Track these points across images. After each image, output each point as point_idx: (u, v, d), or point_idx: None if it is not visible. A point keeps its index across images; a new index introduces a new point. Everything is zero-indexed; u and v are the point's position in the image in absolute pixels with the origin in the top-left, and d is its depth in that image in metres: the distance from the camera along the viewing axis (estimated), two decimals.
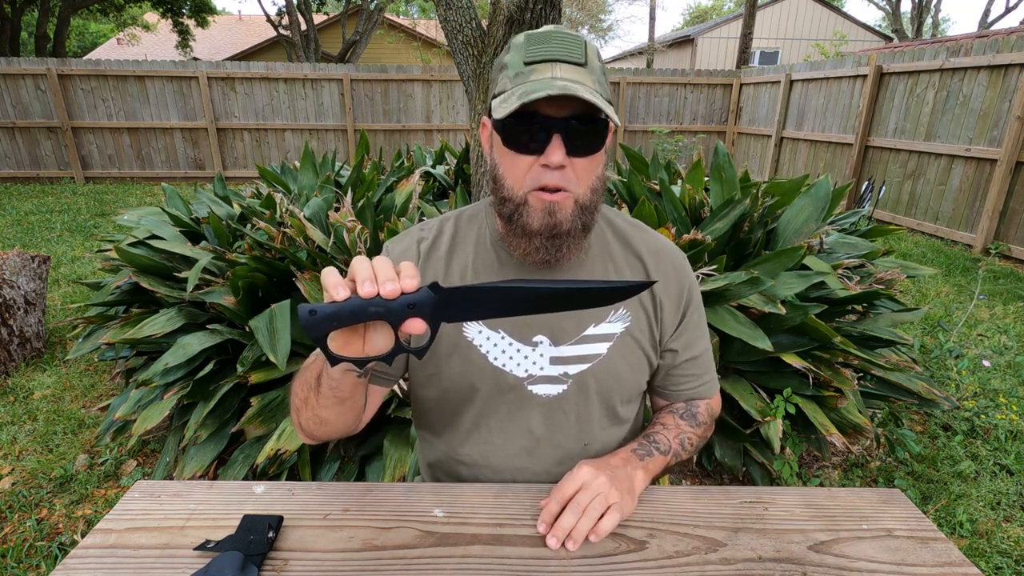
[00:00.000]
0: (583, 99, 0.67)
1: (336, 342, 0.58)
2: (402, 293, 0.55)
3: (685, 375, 0.91)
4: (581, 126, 0.70)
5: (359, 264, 0.56)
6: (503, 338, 0.82)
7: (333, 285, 0.55)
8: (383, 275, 0.55)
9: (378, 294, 0.54)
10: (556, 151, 0.69)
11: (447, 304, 0.58)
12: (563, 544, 0.68)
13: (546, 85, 0.67)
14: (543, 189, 0.72)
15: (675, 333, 0.89)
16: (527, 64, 0.71)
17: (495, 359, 0.82)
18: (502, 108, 0.70)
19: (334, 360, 0.58)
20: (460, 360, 0.83)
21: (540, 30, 0.74)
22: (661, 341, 0.88)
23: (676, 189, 2.46)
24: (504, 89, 0.72)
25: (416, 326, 0.56)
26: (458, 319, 0.59)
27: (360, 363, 0.59)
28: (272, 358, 1.63)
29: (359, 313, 0.55)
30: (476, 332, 0.83)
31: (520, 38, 0.74)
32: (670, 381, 0.92)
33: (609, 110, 0.70)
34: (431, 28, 18.51)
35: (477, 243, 0.86)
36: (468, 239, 0.86)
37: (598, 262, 0.86)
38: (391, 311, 0.55)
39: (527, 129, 0.71)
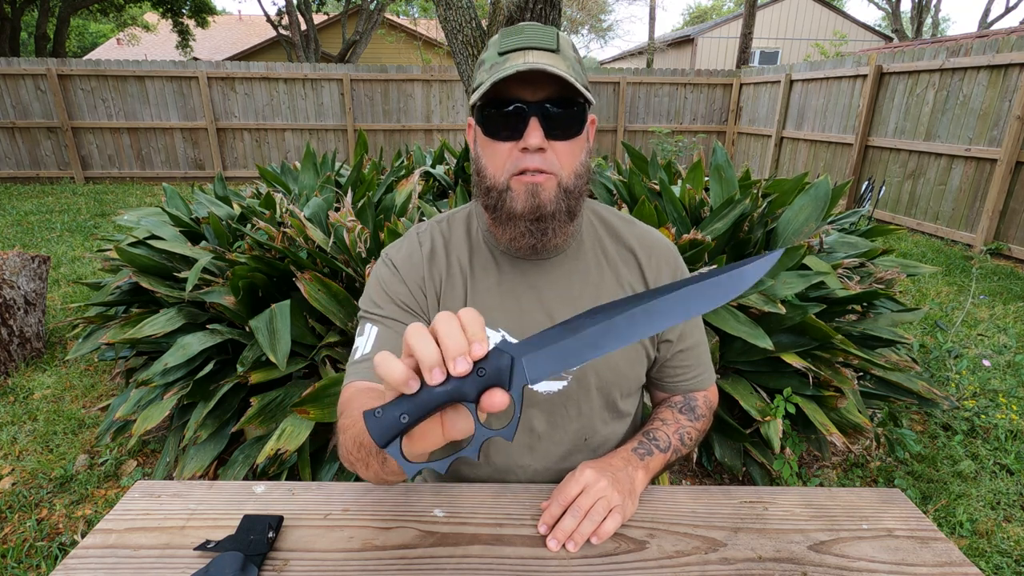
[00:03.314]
0: (556, 79, 0.69)
1: (412, 438, 0.49)
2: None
3: (682, 366, 0.91)
4: (558, 109, 0.71)
5: (421, 344, 0.44)
6: (504, 337, 0.83)
7: (400, 380, 0.44)
8: (454, 349, 0.44)
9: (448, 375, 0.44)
10: (534, 133, 0.70)
11: (525, 358, 0.46)
12: (563, 546, 0.68)
13: (519, 66, 0.68)
14: (523, 173, 0.73)
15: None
16: (501, 54, 0.72)
17: None
18: (477, 96, 0.72)
19: (413, 470, 0.47)
20: None
21: (515, 25, 0.76)
22: (663, 334, 0.89)
23: (676, 189, 2.46)
24: (481, 82, 0.73)
25: (497, 400, 0.44)
26: (543, 376, 0.46)
27: (443, 465, 0.48)
28: (272, 358, 1.63)
29: (432, 405, 0.44)
30: None
31: (496, 35, 0.76)
32: (667, 373, 0.92)
33: (583, 89, 0.71)
34: (431, 28, 18.51)
35: (470, 242, 0.86)
36: (461, 240, 0.87)
37: (591, 255, 0.86)
38: (464, 389, 0.44)
39: (504, 116, 0.72)
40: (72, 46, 23.10)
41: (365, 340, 0.81)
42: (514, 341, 0.82)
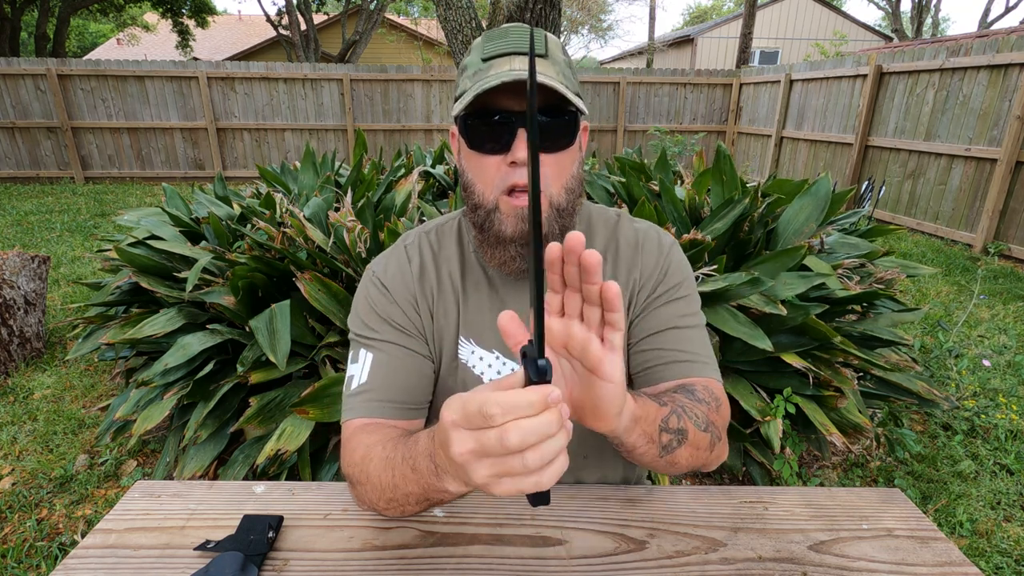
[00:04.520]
0: (540, 85, 0.63)
1: None
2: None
3: (665, 349, 0.76)
4: (547, 119, 0.66)
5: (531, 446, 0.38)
6: (497, 358, 0.80)
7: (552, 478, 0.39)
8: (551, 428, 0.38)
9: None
10: (522, 146, 0.65)
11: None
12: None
13: (503, 76, 0.63)
14: (513, 191, 0.68)
15: (648, 302, 0.80)
16: (485, 60, 0.68)
17: (490, 380, 0.80)
18: (459, 106, 0.67)
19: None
20: (456, 382, 0.81)
21: (499, 27, 0.71)
22: (632, 324, 0.80)
23: (680, 191, 2.45)
24: (464, 90, 0.68)
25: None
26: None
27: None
28: (272, 358, 1.63)
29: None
30: (469, 353, 0.80)
31: (480, 38, 0.72)
32: (647, 358, 0.77)
33: (575, 98, 0.66)
34: (431, 28, 18.51)
35: (462, 258, 0.81)
36: (452, 255, 0.82)
37: None
38: None
39: (489, 127, 0.67)
40: (72, 46, 23.10)
41: (360, 368, 0.75)
42: (496, 356, 0.79)
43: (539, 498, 0.43)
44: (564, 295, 0.46)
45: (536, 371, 0.40)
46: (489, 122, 0.67)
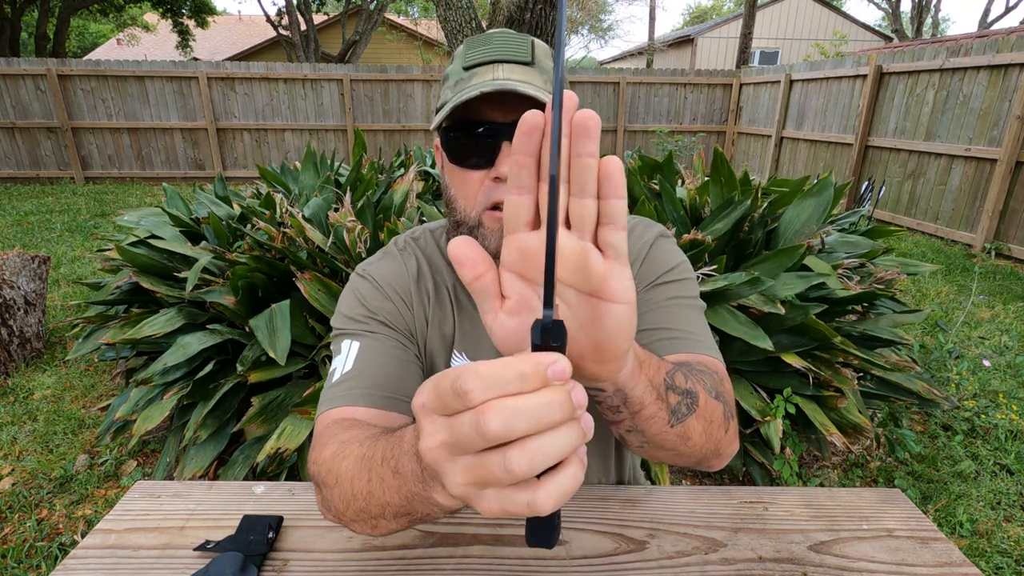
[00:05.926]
0: (525, 96, 0.60)
1: None
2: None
3: (649, 329, 0.70)
4: None
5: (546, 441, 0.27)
6: None
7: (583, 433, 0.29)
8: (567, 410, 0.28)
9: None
10: (506, 161, 0.61)
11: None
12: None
13: (483, 86, 0.60)
14: (498, 207, 0.64)
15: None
16: (467, 69, 0.64)
17: None
18: (439, 118, 0.64)
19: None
20: None
21: (483, 34, 0.67)
22: None
23: (680, 191, 2.45)
24: (445, 101, 0.65)
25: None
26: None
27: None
28: (272, 354, 1.63)
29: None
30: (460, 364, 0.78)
31: (462, 46, 0.68)
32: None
33: None
34: (431, 28, 18.51)
35: (454, 270, 0.77)
36: (444, 265, 0.79)
37: None
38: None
39: (472, 140, 0.63)
40: (72, 46, 23.10)
41: (344, 358, 0.70)
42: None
43: (538, 534, 0.30)
44: (539, 192, 0.33)
45: (539, 331, 0.28)
46: (472, 135, 0.63)
